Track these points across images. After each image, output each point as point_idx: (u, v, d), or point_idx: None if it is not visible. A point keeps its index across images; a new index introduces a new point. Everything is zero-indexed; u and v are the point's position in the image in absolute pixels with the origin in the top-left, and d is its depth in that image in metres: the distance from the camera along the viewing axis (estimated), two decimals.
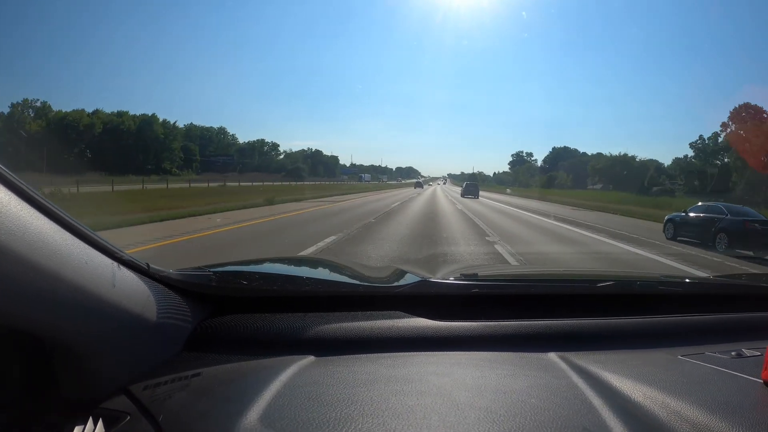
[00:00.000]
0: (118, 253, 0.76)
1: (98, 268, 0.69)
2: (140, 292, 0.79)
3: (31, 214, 0.60)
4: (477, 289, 1.12)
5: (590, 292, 1.20)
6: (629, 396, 0.71)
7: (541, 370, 0.83)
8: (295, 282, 1.17)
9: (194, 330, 0.92)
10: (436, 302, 1.06)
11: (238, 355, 0.87)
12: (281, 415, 0.64)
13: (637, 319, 1.09)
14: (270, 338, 0.93)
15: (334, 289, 1.16)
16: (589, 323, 1.05)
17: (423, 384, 0.75)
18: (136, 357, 0.79)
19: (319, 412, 0.65)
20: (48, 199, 0.64)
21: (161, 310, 0.82)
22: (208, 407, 0.69)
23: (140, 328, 0.77)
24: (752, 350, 0.91)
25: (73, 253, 0.65)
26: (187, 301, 0.92)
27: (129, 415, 0.70)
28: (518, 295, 1.15)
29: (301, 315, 0.99)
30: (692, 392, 0.71)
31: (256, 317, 0.97)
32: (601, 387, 0.75)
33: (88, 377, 0.72)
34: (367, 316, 1.00)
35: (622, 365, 0.84)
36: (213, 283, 0.99)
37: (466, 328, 0.99)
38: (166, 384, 0.76)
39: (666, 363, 0.88)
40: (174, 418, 0.67)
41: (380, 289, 1.13)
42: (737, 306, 1.19)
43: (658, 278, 1.62)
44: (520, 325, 1.00)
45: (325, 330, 0.94)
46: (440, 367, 0.82)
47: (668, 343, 1.00)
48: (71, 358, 0.69)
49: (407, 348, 0.92)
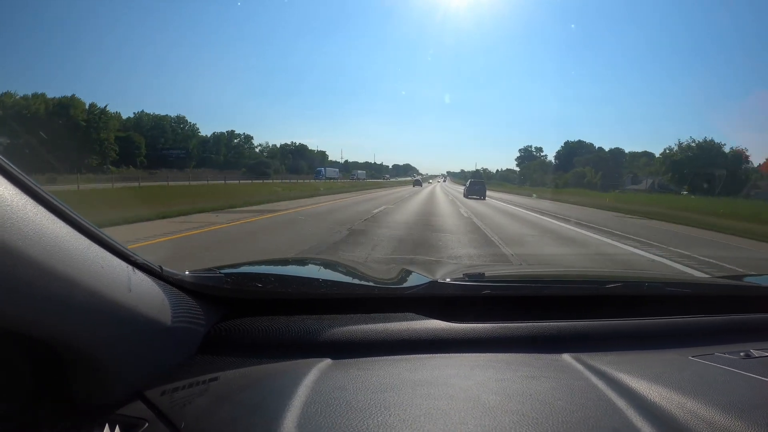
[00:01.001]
0: (133, 257, 0.75)
1: (114, 272, 0.68)
2: (155, 296, 0.78)
3: (47, 218, 0.59)
4: (489, 291, 1.12)
5: (599, 293, 1.21)
6: (648, 397, 0.72)
7: (558, 371, 0.83)
8: (309, 284, 1.16)
9: (208, 333, 0.91)
10: (448, 303, 1.06)
11: (254, 358, 0.86)
12: (317, 424, 0.63)
13: (645, 320, 1.10)
14: (285, 341, 0.92)
15: (348, 291, 1.15)
16: (600, 324, 1.06)
17: (449, 387, 0.75)
18: (151, 361, 0.77)
19: (353, 419, 0.64)
20: (63, 202, 0.63)
21: (175, 314, 0.81)
22: (234, 414, 0.68)
23: (155, 331, 0.76)
24: (761, 351, 0.93)
25: (89, 258, 0.64)
26: (200, 304, 0.91)
27: (147, 421, 0.68)
28: (529, 297, 1.16)
29: (315, 317, 0.98)
30: (706, 393, 0.72)
31: (271, 320, 0.97)
32: (620, 388, 0.75)
33: (104, 383, 0.70)
34: (381, 318, 0.99)
35: (636, 366, 0.84)
36: (227, 285, 0.97)
37: (480, 329, 0.99)
38: (183, 389, 0.75)
39: (678, 364, 0.89)
40: (197, 426, 0.66)
41: (392, 290, 1.13)
42: (744, 307, 1.20)
43: (666, 279, 1.64)
44: (533, 326, 1.00)
45: (340, 332, 0.94)
46: (460, 370, 0.82)
47: (678, 344, 1.01)
48: (86, 364, 0.68)
49: (422, 350, 0.91)
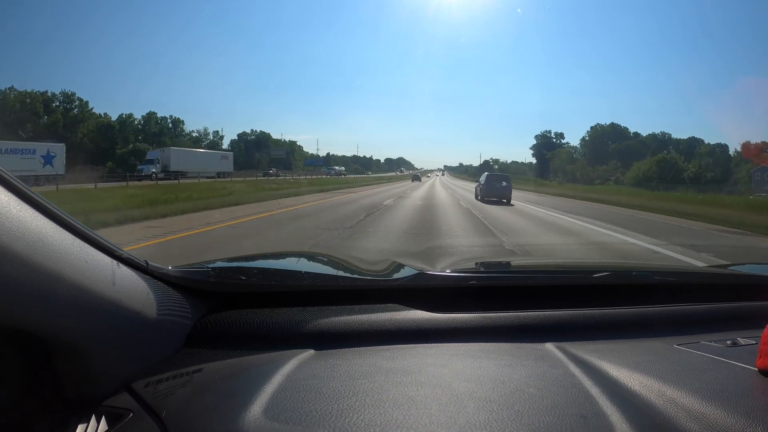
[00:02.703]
0: (117, 251, 0.77)
1: (98, 266, 0.70)
2: (140, 290, 0.79)
3: (31, 215, 0.60)
4: (474, 281, 1.13)
5: (586, 283, 1.21)
6: (626, 385, 0.72)
7: (538, 360, 0.84)
8: (293, 277, 1.18)
9: (194, 326, 0.93)
10: (433, 294, 1.07)
11: (239, 350, 0.88)
12: (284, 407, 0.65)
13: (632, 309, 1.10)
14: (270, 333, 0.94)
15: (332, 283, 1.16)
16: (585, 314, 1.06)
17: (422, 375, 0.76)
18: (137, 354, 0.79)
19: (321, 404, 0.66)
20: (46, 199, 0.64)
21: (161, 308, 0.82)
22: (211, 402, 0.70)
23: (140, 325, 0.77)
24: (747, 339, 0.92)
25: (73, 253, 0.65)
26: (186, 298, 0.93)
27: (132, 412, 0.70)
28: (515, 287, 1.16)
29: (300, 309, 0.99)
30: (688, 380, 0.72)
31: (256, 312, 0.98)
32: (598, 376, 0.75)
33: (90, 376, 0.72)
34: (366, 310, 1.00)
35: (619, 354, 0.85)
36: (212, 279, 0.99)
37: (463, 319, 1.00)
38: (168, 380, 0.77)
39: (662, 352, 0.89)
40: (177, 414, 0.68)
41: (378, 282, 1.14)
42: (732, 296, 1.20)
43: (653, 268, 1.63)
44: (517, 316, 1.01)
45: (324, 324, 0.95)
46: (438, 359, 0.83)
47: (664, 332, 1.01)
48: (72, 357, 0.69)
49: (406, 340, 0.93)
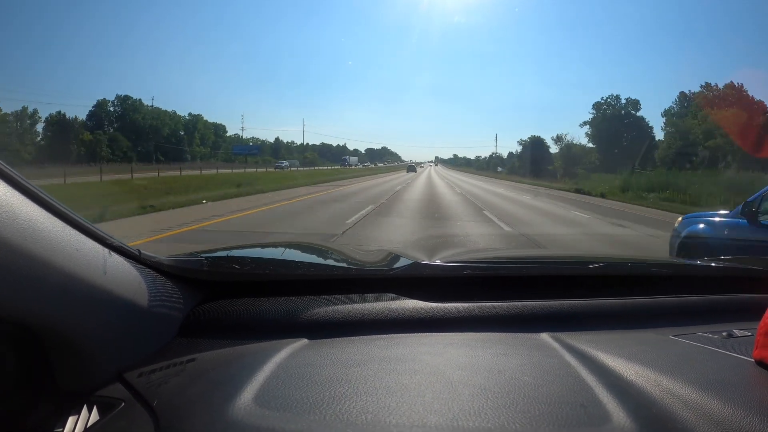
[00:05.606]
0: (109, 240, 0.76)
1: (89, 254, 0.69)
2: (132, 279, 0.78)
3: (21, 201, 0.59)
4: (469, 271, 1.13)
5: (582, 273, 1.21)
6: (622, 374, 0.72)
7: (533, 349, 0.84)
8: (287, 266, 1.17)
9: (187, 316, 0.92)
10: (428, 284, 1.07)
11: (232, 339, 0.87)
12: (276, 395, 0.65)
13: (628, 300, 1.10)
14: (263, 322, 0.93)
15: (326, 272, 1.15)
16: (581, 304, 1.06)
17: (416, 363, 0.75)
18: (130, 344, 0.78)
19: (312, 391, 0.65)
20: (37, 186, 0.63)
21: (153, 297, 0.81)
22: (203, 391, 0.69)
23: (133, 314, 0.77)
24: (743, 330, 0.92)
25: (64, 240, 0.64)
26: (179, 287, 0.92)
27: (123, 401, 0.70)
28: (511, 277, 1.16)
29: (293, 298, 0.99)
30: (684, 371, 0.72)
31: (249, 301, 0.97)
32: (593, 365, 0.75)
33: (82, 366, 0.71)
34: (360, 299, 1.00)
35: (614, 345, 0.84)
36: (205, 268, 0.98)
37: (459, 309, 0.99)
38: (161, 370, 0.76)
39: (658, 343, 0.89)
40: (169, 403, 0.67)
41: (373, 272, 1.13)
42: (728, 288, 1.20)
43: (649, 260, 1.64)
44: (513, 305, 1.01)
45: (318, 313, 0.95)
46: (433, 348, 0.83)
47: (660, 323, 1.01)
48: (64, 347, 0.68)
49: (400, 329, 0.92)
